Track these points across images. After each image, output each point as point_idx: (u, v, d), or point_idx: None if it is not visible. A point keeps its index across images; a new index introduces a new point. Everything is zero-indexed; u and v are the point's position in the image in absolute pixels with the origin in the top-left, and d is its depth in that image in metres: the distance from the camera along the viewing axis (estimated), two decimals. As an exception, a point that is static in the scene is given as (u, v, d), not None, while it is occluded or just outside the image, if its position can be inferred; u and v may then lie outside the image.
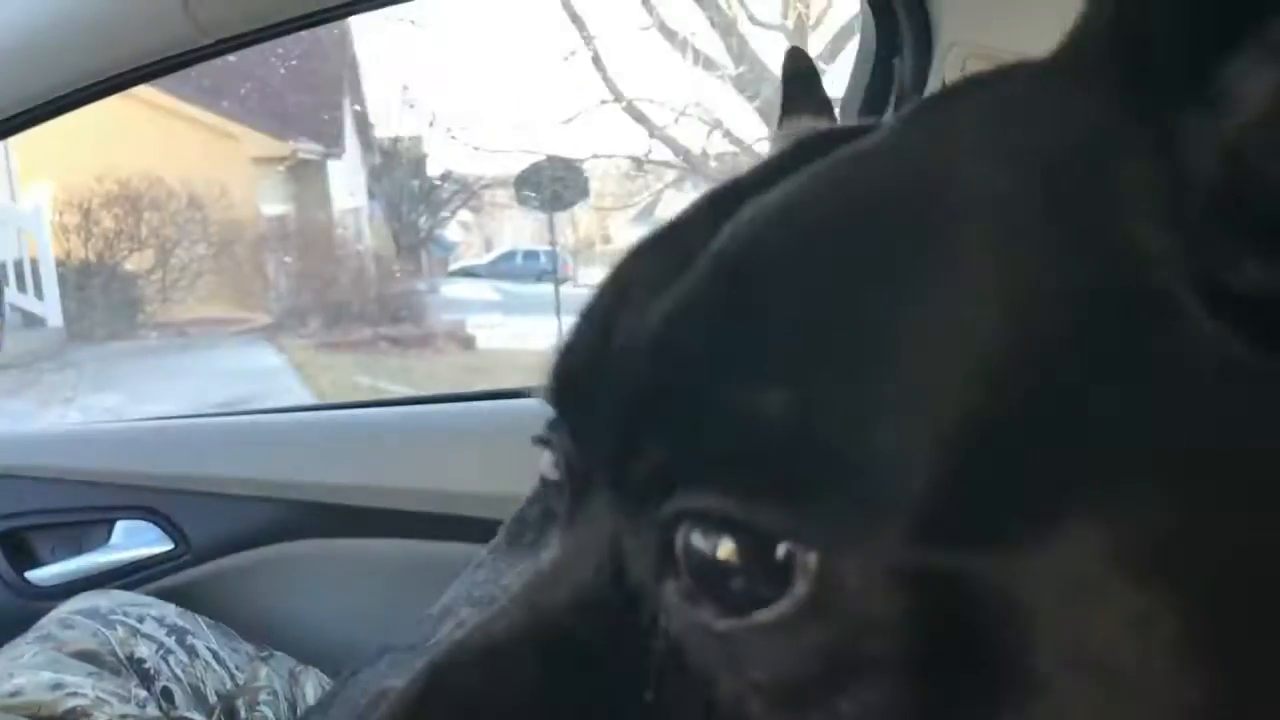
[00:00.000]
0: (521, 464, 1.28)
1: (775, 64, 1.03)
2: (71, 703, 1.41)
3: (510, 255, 9.93)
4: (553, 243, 8.34)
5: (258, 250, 7.95)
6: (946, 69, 1.75)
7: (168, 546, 1.83)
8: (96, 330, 7.26)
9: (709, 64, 7.64)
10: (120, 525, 1.87)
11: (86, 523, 1.86)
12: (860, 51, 1.94)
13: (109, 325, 7.34)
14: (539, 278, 8.88)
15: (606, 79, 7.51)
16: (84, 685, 1.45)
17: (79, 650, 1.53)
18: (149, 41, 1.52)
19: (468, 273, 9.88)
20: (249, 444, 1.94)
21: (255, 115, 7.76)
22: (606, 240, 9.68)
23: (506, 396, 2.15)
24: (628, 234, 9.76)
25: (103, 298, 7.33)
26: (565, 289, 7.82)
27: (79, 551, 1.84)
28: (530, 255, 9.69)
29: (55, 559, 1.83)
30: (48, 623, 1.61)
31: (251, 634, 1.82)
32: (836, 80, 2.01)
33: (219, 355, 6.91)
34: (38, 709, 1.39)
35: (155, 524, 1.84)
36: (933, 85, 1.79)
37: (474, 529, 1.55)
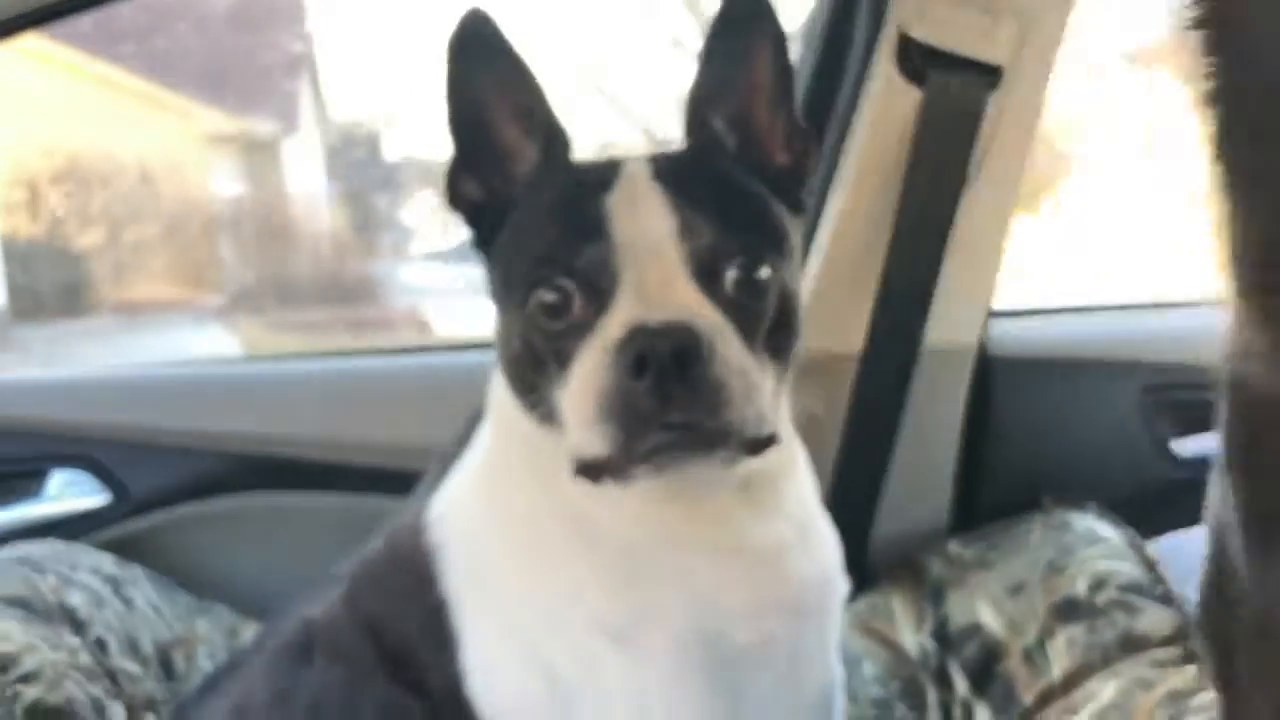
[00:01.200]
0: (460, 417, 1.26)
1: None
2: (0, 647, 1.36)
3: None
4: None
5: (211, 230, 7.82)
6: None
7: (106, 497, 1.79)
8: (44, 309, 7.12)
9: (679, 45, 7.57)
10: (58, 476, 1.83)
11: (20, 474, 1.81)
12: (811, 18, 1.92)
13: (57, 304, 7.20)
14: (498, 262, 8.81)
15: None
16: (13, 631, 1.41)
17: (8, 596, 1.49)
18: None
19: (427, 257, 9.77)
20: (189, 395, 1.89)
21: (209, 92, 7.63)
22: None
23: (445, 350, 2.12)
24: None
25: (50, 276, 7.19)
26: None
27: (12, 502, 1.80)
28: (489, 240, 9.60)
29: (-23, 512, 1.79)
30: None
31: (191, 586, 1.78)
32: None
33: (170, 337, 6.78)
34: None
35: (93, 474, 1.79)
36: (885, 48, 1.77)
37: (415, 483, 1.52)
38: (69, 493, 1.81)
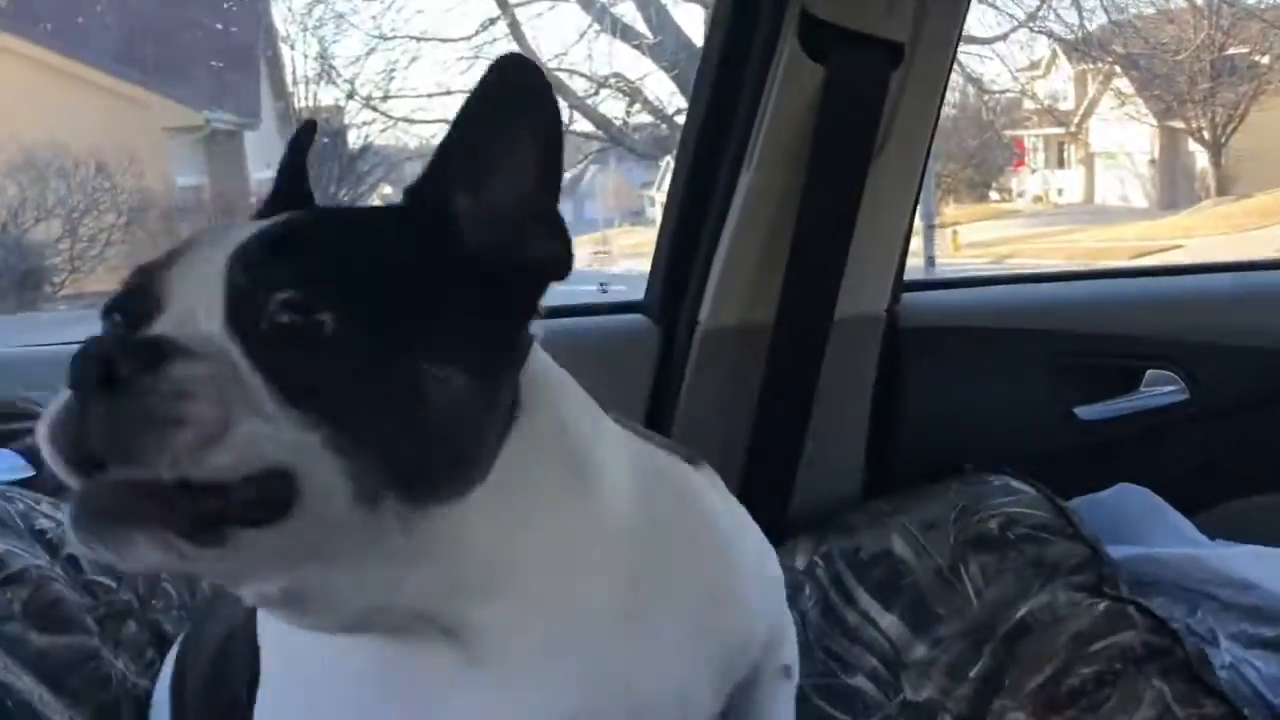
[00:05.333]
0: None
1: (695, 34, 1.03)
2: None
3: (432, 229, 9.83)
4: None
5: (172, 221, 7.81)
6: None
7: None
8: (4, 301, 7.10)
9: (627, 33, 7.65)
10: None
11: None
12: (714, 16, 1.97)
13: (16, 296, 7.19)
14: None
15: (524, 48, 7.49)
16: None
17: None
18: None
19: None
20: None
21: (168, 84, 7.63)
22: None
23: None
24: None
25: (9, 268, 7.16)
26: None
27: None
28: (452, 228, 9.61)
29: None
30: None
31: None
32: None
33: (131, 327, 6.81)
34: None
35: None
36: (789, 27, 1.81)
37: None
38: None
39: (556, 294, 0.91)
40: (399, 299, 0.81)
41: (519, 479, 0.85)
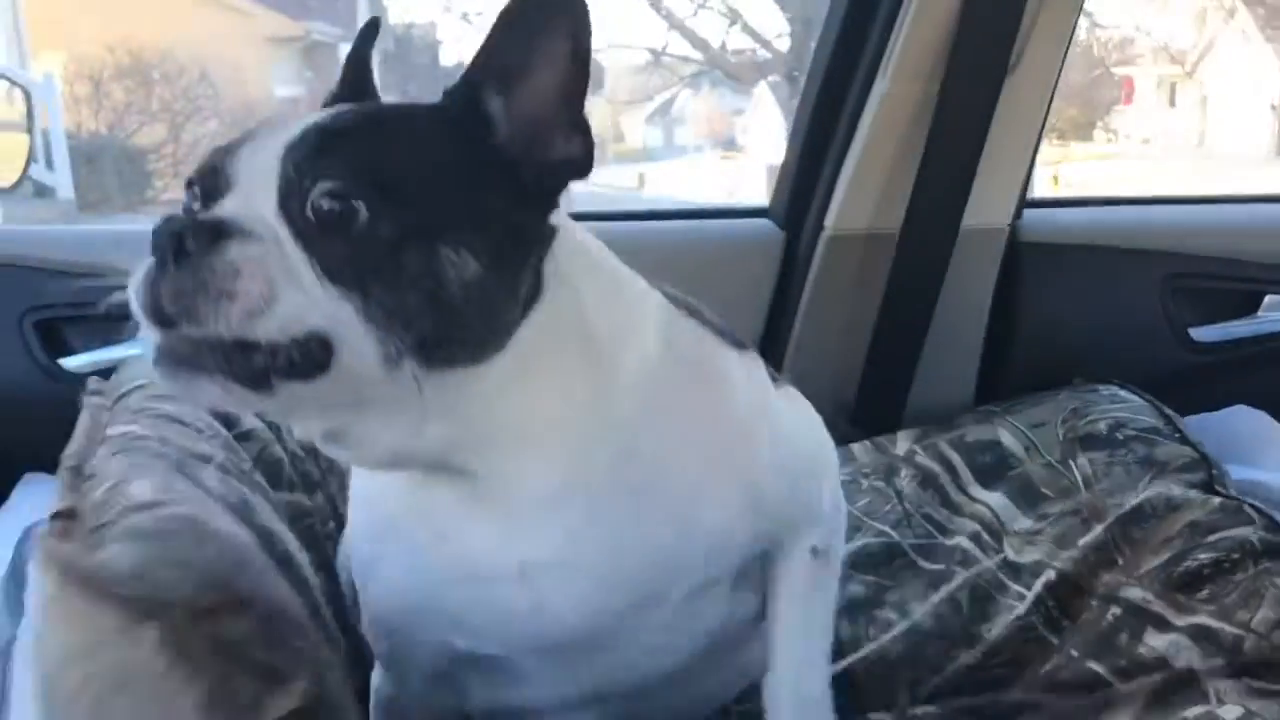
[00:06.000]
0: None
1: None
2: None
3: (524, 151, 9.77)
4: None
5: (270, 130, 7.92)
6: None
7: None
8: (108, 203, 7.27)
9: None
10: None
11: (116, 316, 1.95)
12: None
13: (121, 198, 7.35)
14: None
15: (624, -35, 7.43)
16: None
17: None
18: None
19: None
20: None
21: (270, -6, 7.72)
22: (619, 139, 9.55)
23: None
24: (641, 133, 9.69)
25: (114, 170, 7.33)
26: (577, 186, 7.67)
27: (108, 344, 1.93)
28: (544, 152, 9.53)
29: (86, 349, 1.93)
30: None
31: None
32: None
33: (229, 233, 6.95)
34: None
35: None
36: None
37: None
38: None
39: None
40: (426, 191, 0.91)
41: (533, 354, 0.95)
